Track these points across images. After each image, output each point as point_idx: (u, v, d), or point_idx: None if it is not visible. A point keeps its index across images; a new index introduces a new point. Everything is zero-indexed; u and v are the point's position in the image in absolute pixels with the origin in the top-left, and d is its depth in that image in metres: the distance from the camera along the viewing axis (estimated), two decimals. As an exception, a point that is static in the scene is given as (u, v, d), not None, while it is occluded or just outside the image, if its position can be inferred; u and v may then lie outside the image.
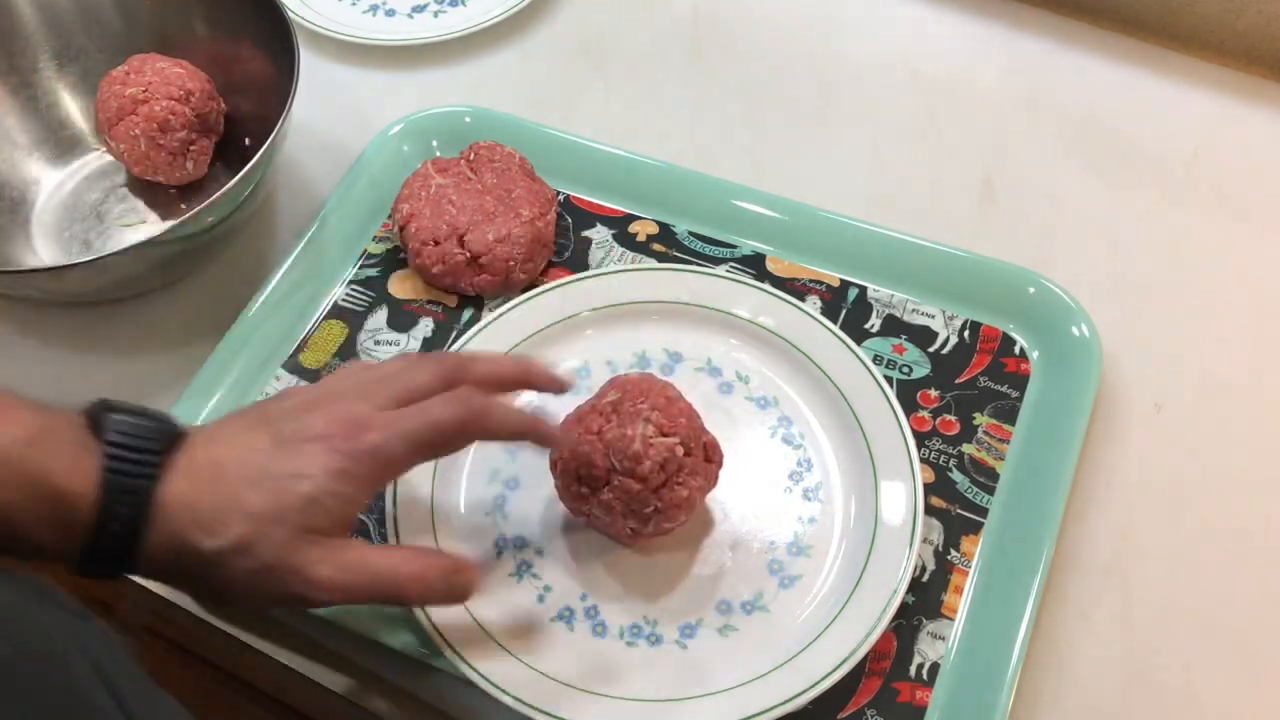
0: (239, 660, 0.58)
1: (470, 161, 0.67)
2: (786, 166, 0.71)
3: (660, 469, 0.51)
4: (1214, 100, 0.74)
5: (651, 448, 0.51)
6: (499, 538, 0.56)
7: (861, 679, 0.52)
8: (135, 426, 0.44)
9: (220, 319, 0.63)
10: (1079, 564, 0.56)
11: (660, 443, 0.51)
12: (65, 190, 0.71)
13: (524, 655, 0.52)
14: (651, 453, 0.51)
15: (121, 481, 0.43)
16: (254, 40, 0.68)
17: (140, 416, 0.45)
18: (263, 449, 0.45)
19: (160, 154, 0.67)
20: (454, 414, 0.47)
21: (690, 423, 0.53)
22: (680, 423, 0.52)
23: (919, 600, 0.54)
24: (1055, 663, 0.54)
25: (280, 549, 0.44)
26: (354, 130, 0.72)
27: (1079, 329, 0.61)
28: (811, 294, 0.64)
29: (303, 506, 0.44)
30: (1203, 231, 0.68)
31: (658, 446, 0.51)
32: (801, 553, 0.56)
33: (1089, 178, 0.71)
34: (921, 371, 0.61)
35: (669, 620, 0.54)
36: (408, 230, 0.64)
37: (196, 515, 0.44)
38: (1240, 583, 0.56)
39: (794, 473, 0.58)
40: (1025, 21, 0.78)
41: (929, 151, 0.72)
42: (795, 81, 0.76)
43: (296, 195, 0.70)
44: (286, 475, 0.44)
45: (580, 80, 0.77)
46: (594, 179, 0.69)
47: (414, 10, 0.81)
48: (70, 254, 0.68)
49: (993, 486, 0.58)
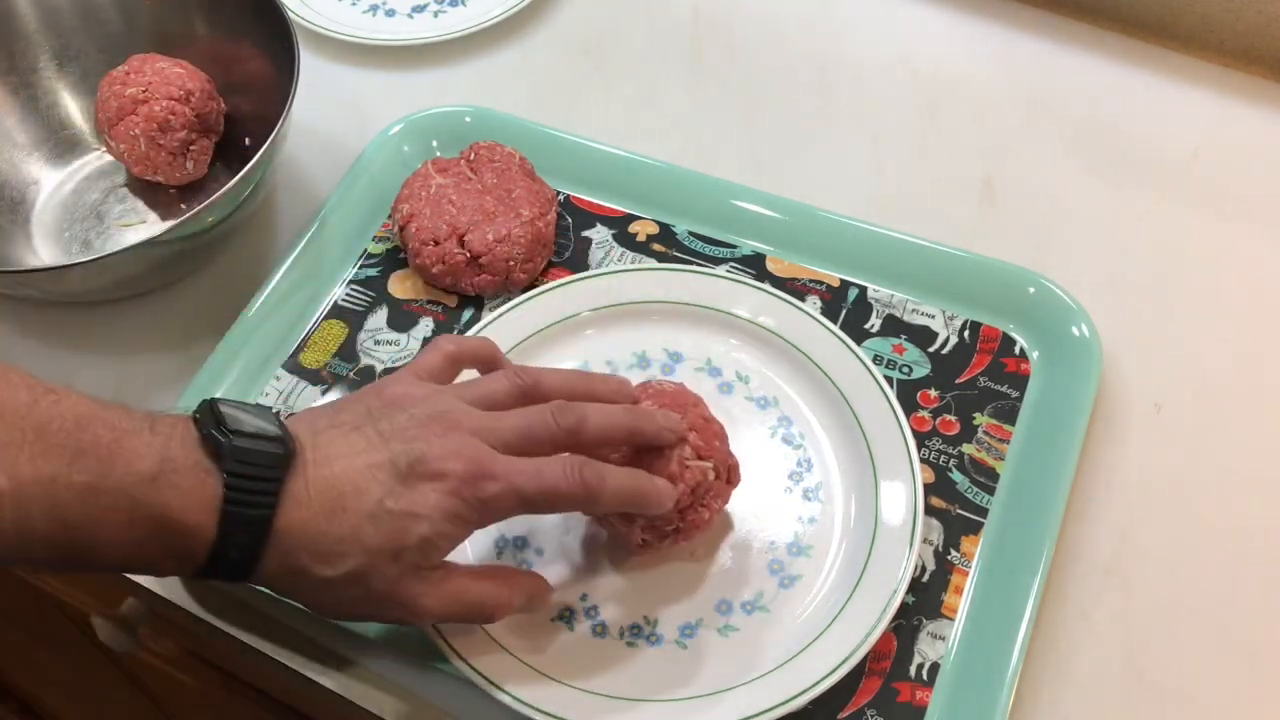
0: (239, 660, 0.58)
1: (470, 161, 0.67)
2: (786, 166, 0.71)
3: (691, 492, 0.51)
4: (1214, 100, 0.74)
5: (688, 470, 0.50)
6: (499, 538, 0.56)
7: (861, 679, 0.52)
8: (253, 454, 0.44)
9: (220, 319, 0.63)
10: (1079, 564, 0.56)
11: (696, 466, 0.51)
12: (65, 190, 0.71)
13: (524, 655, 0.52)
14: (687, 475, 0.50)
15: (242, 513, 0.44)
16: (254, 40, 0.68)
17: (255, 439, 0.45)
18: (382, 480, 0.46)
19: (160, 154, 0.67)
20: (570, 486, 0.47)
21: (723, 445, 0.53)
22: (715, 446, 0.52)
23: (919, 600, 0.54)
24: (1055, 663, 0.54)
25: (392, 583, 0.46)
26: (354, 130, 0.72)
27: (1079, 329, 0.61)
28: (811, 294, 0.64)
29: (418, 547, 0.46)
30: (1203, 231, 0.68)
31: (694, 470, 0.51)
32: (801, 553, 0.56)
33: (1089, 178, 0.71)
34: (921, 371, 0.61)
35: (669, 620, 0.54)
36: (408, 230, 0.64)
37: (315, 545, 0.45)
38: (1240, 583, 0.56)
39: (794, 473, 0.58)
40: (1025, 21, 0.78)
41: (929, 151, 0.72)
42: (795, 81, 0.76)
43: (296, 195, 0.70)
44: (404, 514, 0.45)
45: (580, 80, 0.77)
46: (594, 179, 0.69)
47: (414, 10, 0.81)
48: (70, 254, 0.68)
49: (993, 486, 0.58)
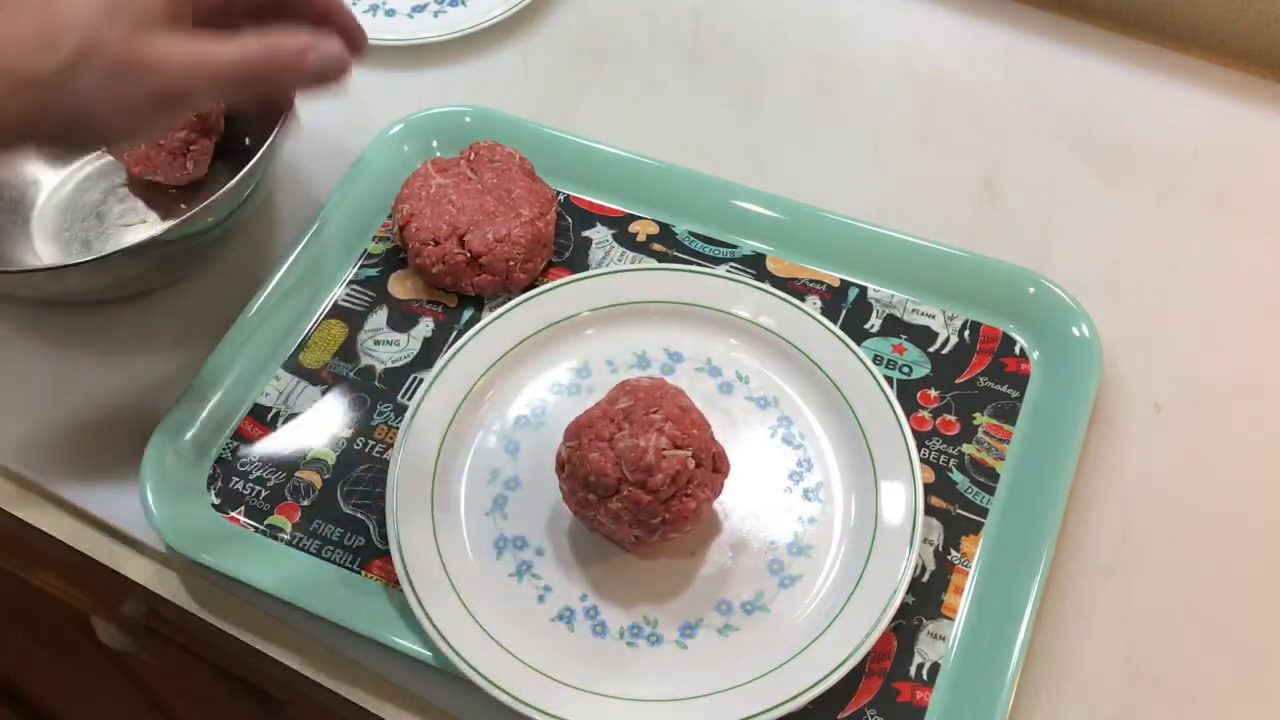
0: (239, 660, 0.58)
1: (470, 161, 0.67)
2: (786, 166, 0.71)
3: (671, 481, 0.51)
4: (1214, 100, 0.74)
5: (664, 460, 0.50)
6: (499, 538, 0.56)
7: (861, 679, 0.52)
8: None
9: (220, 319, 0.63)
10: (1079, 564, 0.56)
11: (673, 455, 0.51)
12: (65, 190, 0.71)
13: (524, 656, 0.52)
14: (664, 465, 0.50)
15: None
16: (254, 40, 0.68)
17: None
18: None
19: (160, 154, 0.67)
20: None
21: (702, 434, 0.53)
22: (693, 434, 0.52)
23: (919, 600, 0.54)
24: (1055, 663, 0.54)
25: (124, 43, 0.42)
26: (354, 130, 0.72)
27: (1079, 329, 0.61)
28: (811, 294, 0.64)
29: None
30: (1203, 231, 0.68)
31: (670, 459, 0.51)
32: (801, 553, 0.56)
33: (1089, 178, 0.71)
34: (921, 371, 0.61)
35: (669, 620, 0.54)
36: (408, 230, 0.64)
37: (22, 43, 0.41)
38: (1240, 583, 0.56)
39: (794, 473, 0.58)
40: (1025, 21, 0.78)
41: (929, 151, 0.72)
42: (795, 81, 0.76)
43: (296, 195, 0.70)
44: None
45: (580, 80, 0.77)
46: (594, 179, 0.69)
47: (414, 10, 0.81)
48: (70, 254, 0.68)
49: (993, 486, 0.58)
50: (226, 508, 0.58)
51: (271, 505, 0.58)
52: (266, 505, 0.58)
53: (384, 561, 0.56)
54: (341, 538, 0.57)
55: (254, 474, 0.59)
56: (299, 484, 0.59)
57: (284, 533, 0.57)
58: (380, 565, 0.56)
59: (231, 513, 0.58)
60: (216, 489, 0.59)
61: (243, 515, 0.58)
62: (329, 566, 0.56)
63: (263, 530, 0.57)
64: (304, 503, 0.58)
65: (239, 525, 0.57)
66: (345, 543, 0.57)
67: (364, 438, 0.60)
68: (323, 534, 0.57)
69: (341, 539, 0.57)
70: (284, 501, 0.58)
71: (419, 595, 0.53)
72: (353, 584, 0.55)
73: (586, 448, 0.52)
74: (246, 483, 0.59)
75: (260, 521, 0.58)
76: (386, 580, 0.55)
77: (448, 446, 0.58)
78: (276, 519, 0.58)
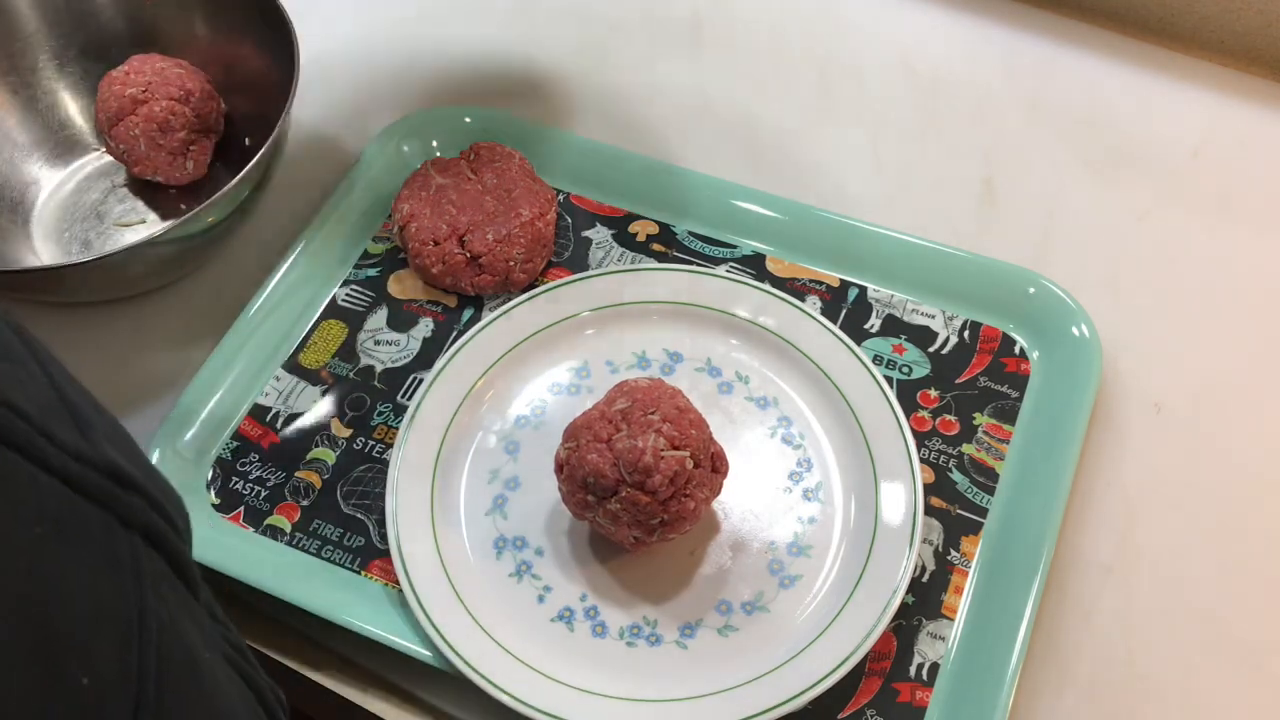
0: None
1: (470, 161, 0.67)
2: (786, 166, 0.71)
3: (670, 482, 0.51)
4: (1214, 100, 0.74)
5: (663, 461, 0.50)
6: (499, 538, 0.56)
7: (861, 679, 0.52)
8: None
9: (220, 319, 0.63)
10: (1079, 564, 0.56)
11: (672, 456, 0.51)
12: (65, 190, 0.71)
13: (524, 656, 0.52)
14: (663, 466, 0.50)
15: None
16: (254, 40, 0.68)
17: None
18: None
19: (160, 154, 0.67)
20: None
21: (700, 434, 0.52)
22: (691, 435, 0.52)
23: (919, 600, 0.54)
24: (1055, 662, 0.54)
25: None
26: (354, 130, 0.72)
27: (1079, 329, 0.61)
28: (811, 294, 0.64)
29: None
30: (1202, 231, 0.68)
31: (669, 460, 0.51)
32: (801, 553, 0.56)
33: (1089, 178, 0.71)
34: (921, 371, 0.61)
35: (669, 620, 0.54)
36: (408, 230, 0.64)
37: None
38: (1240, 583, 0.56)
39: (794, 473, 0.58)
40: (1025, 21, 0.78)
41: (929, 151, 0.72)
42: (795, 81, 0.76)
43: (296, 195, 0.70)
44: None
45: (580, 80, 0.77)
46: (594, 179, 0.69)
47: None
48: (70, 254, 0.68)
49: (993, 486, 0.58)
50: (226, 508, 0.58)
51: (271, 505, 0.58)
52: (266, 505, 0.58)
53: (384, 561, 0.56)
54: (341, 538, 0.57)
55: (254, 474, 0.59)
56: (299, 484, 0.59)
57: (284, 533, 0.57)
58: (380, 565, 0.56)
59: (231, 513, 0.58)
60: (216, 489, 0.58)
61: (242, 515, 0.58)
62: (329, 567, 0.56)
63: (262, 531, 0.57)
64: (304, 503, 0.58)
65: (239, 525, 0.57)
66: (345, 543, 0.57)
67: (364, 438, 0.60)
68: (322, 534, 0.57)
69: (341, 539, 0.57)
70: (284, 502, 0.58)
71: (419, 595, 0.53)
72: (352, 584, 0.55)
73: (585, 449, 0.51)
74: (246, 483, 0.59)
75: (260, 522, 0.58)
76: (386, 580, 0.55)
77: (448, 446, 0.58)
78: (276, 519, 0.58)
